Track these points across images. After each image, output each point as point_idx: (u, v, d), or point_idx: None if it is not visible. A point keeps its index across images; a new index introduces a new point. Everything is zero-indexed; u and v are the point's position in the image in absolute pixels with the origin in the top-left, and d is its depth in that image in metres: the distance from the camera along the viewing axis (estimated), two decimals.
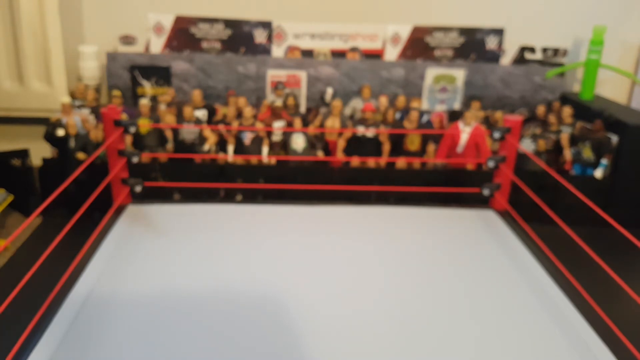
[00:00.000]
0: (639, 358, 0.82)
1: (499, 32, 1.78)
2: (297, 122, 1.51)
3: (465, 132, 1.51)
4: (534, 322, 0.93)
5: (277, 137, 1.52)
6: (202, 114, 1.57)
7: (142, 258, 1.09)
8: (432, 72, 1.75)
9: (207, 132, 1.48)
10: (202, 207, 1.35)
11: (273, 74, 1.73)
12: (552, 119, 1.57)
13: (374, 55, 1.79)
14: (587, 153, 1.48)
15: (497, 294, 1.02)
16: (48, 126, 1.45)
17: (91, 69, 1.70)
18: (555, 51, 1.81)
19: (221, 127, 1.49)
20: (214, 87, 1.73)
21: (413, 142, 1.55)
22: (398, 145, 1.55)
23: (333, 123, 1.53)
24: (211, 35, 1.73)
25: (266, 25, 1.74)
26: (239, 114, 1.55)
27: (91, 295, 0.96)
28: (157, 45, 1.72)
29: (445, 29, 1.77)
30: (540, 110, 1.64)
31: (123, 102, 1.61)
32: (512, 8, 1.82)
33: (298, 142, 1.51)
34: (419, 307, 0.97)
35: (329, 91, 1.72)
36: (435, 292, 1.02)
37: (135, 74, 1.70)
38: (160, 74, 1.70)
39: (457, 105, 1.78)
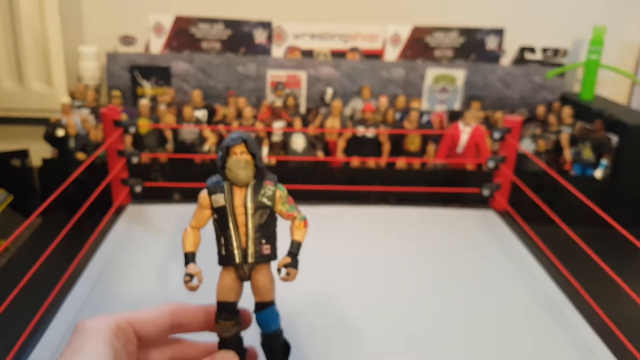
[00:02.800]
0: (639, 358, 0.82)
1: (499, 32, 1.78)
2: (297, 122, 1.51)
3: (465, 132, 1.51)
4: (534, 322, 0.93)
5: (277, 137, 1.52)
6: (202, 114, 1.57)
7: (142, 258, 1.09)
8: (432, 72, 1.75)
9: (207, 132, 1.48)
10: None
11: (273, 74, 1.72)
12: (552, 119, 1.57)
13: (374, 56, 1.79)
14: (587, 153, 1.48)
15: (497, 293, 1.02)
16: (48, 126, 1.45)
17: (91, 69, 1.70)
18: (555, 51, 1.81)
19: (221, 127, 1.49)
20: (214, 87, 1.73)
21: (413, 142, 1.55)
22: (398, 145, 1.55)
23: (333, 123, 1.53)
24: (211, 35, 1.73)
25: (266, 26, 1.74)
26: (239, 114, 1.55)
27: (91, 296, 0.96)
28: (157, 45, 1.72)
29: (445, 29, 1.77)
30: (540, 110, 1.64)
31: (123, 102, 1.61)
32: (512, 8, 1.82)
33: (298, 142, 1.51)
34: (418, 307, 0.97)
35: (329, 91, 1.72)
36: (435, 292, 1.02)
37: (135, 74, 1.70)
38: (160, 74, 1.70)
39: (457, 106, 1.78)
